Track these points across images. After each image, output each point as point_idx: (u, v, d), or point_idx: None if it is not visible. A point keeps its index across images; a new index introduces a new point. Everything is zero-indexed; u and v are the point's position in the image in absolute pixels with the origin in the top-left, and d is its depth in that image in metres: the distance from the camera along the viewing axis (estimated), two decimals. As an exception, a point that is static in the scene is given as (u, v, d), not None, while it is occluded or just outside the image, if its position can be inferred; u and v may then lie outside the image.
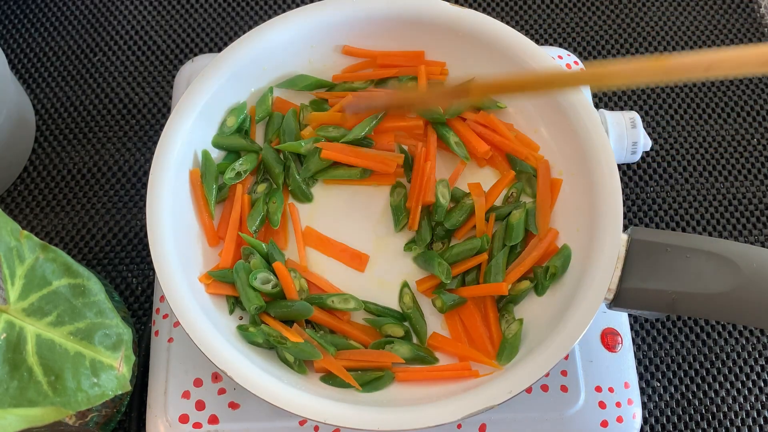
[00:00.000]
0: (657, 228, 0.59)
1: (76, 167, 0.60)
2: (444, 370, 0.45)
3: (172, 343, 0.47)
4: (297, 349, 0.43)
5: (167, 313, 0.48)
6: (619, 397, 0.47)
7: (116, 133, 0.62)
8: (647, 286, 0.42)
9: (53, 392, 0.39)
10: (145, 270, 0.56)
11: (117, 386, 0.41)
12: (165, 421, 0.45)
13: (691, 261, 0.41)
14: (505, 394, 0.40)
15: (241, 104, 0.50)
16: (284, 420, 0.45)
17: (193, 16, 0.67)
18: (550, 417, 0.46)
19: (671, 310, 0.42)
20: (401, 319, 0.46)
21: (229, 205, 0.48)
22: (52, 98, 0.63)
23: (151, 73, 0.64)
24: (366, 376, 0.44)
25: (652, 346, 0.55)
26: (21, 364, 0.39)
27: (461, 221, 0.48)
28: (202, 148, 0.48)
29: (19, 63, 0.64)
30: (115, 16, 0.66)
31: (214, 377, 0.46)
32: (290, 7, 0.68)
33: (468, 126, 0.50)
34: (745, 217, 0.59)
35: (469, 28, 0.49)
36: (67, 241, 0.58)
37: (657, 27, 0.68)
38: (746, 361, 0.54)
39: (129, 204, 0.59)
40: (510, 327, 0.45)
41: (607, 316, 0.49)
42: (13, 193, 0.59)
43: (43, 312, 0.40)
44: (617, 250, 0.42)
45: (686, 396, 0.53)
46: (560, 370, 0.47)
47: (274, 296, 0.45)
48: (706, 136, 0.63)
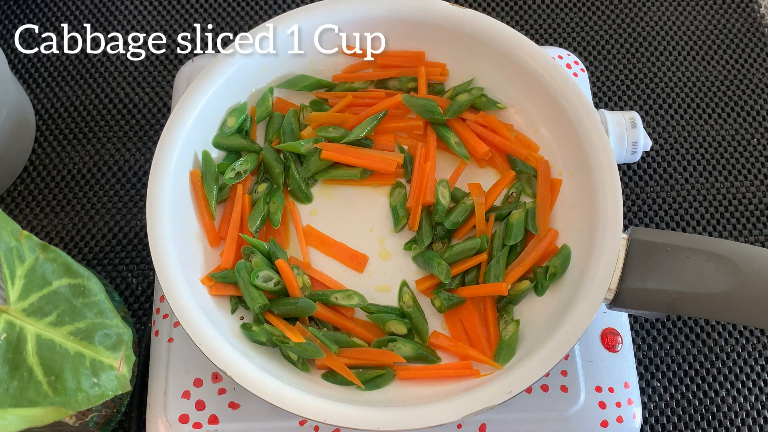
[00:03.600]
0: (657, 228, 0.59)
1: (76, 167, 0.60)
2: (445, 369, 0.45)
3: (173, 343, 0.47)
4: (299, 348, 0.43)
5: (167, 313, 0.48)
6: (619, 397, 0.47)
7: (116, 133, 0.62)
8: (647, 286, 0.42)
9: (53, 392, 0.39)
10: (145, 270, 0.56)
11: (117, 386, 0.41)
12: (165, 421, 0.45)
13: (691, 261, 0.41)
14: (505, 394, 0.40)
15: (241, 104, 0.50)
16: (284, 420, 0.45)
17: (193, 15, 0.67)
18: (550, 417, 0.46)
19: (671, 310, 0.42)
20: (403, 317, 0.46)
21: (229, 206, 0.48)
22: (52, 98, 0.63)
23: (151, 73, 0.64)
24: (367, 374, 0.44)
25: (653, 346, 0.55)
26: (21, 364, 0.39)
27: (461, 221, 0.48)
28: (202, 149, 0.48)
29: (19, 63, 0.64)
30: (115, 16, 0.66)
31: (214, 377, 0.46)
32: (290, 7, 0.68)
33: (468, 126, 0.50)
34: (745, 217, 0.59)
35: (470, 28, 0.49)
36: (67, 241, 0.58)
37: (657, 27, 0.67)
38: (746, 361, 0.54)
39: (129, 204, 0.59)
40: (507, 328, 0.45)
41: (607, 316, 0.49)
42: (13, 193, 0.59)
43: (43, 312, 0.40)
44: (617, 250, 0.42)
45: (686, 396, 0.53)
46: (560, 370, 0.47)
47: (277, 294, 0.45)
48: (706, 136, 0.63)
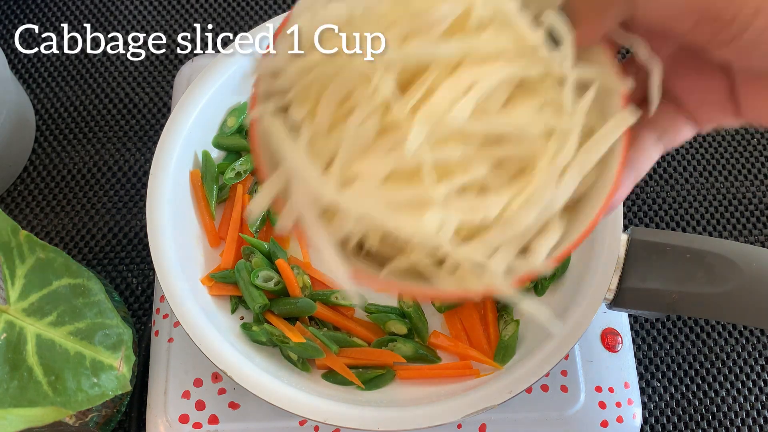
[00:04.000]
0: (657, 228, 0.59)
1: (76, 167, 0.60)
2: (445, 368, 0.45)
3: (173, 343, 0.47)
4: (299, 348, 0.43)
5: (167, 313, 0.48)
6: (619, 397, 0.47)
7: (116, 133, 0.61)
8: (647, 286, 0.42)
9: (53, 392, 0.39)
10: (145, 270, 0.56)
11: (117, 386, 0.41)
12: (165, 421, 0.45)
13: (691, 261, 0.41)
14: (505, 394, 0.40)
15: (241, 104, 0.50)
16: (284, 420, 0.45)
17: (193, 15, 0.67)
18: (550, 417, 0.46)
19: (671, 310, 0.42)
20: (403, 317, 0.46)
21: (229, 206, 0.48)
22: (52, 98, 0.63)
23: (151, 73, 0.64)
24: (367, 373, 0.44)
25: (653, 346, 0.55)
26: (21, 364, 0.39)
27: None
28: (202, 149, 0.48)
29: (19, 63, 0.64)
30: (115, 16, 0.66)
31: (214, 377, 0.46)
32: (290, 6, 0.68)
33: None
34: (745, 217, 0.59)
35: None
36: (67, 241, 0.58)
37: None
38: (746, 361, 0.54)
39: (129, 204, 0.59)
40: (507, 328, 0.45)
41: (607, 316, 0.49)
42: (13, 193, 0.59)
43: (43, 312, 0.40)
44: (617, 250, 0.42)
45: (686, 396, 0.53)
46: (560, 370, 0.47)
47: (277, 294, 0.45)
48: (706, 136, 0.63)
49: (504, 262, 0.27)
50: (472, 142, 0.26)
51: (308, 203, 0.26)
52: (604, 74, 0.28)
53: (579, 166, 0.27)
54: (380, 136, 0.26)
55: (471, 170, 0.26)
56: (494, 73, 0.26)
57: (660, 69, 0.28)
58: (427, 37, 0.26)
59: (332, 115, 0.27)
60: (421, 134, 0.25)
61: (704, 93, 0.31)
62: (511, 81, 0.27)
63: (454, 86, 0.26)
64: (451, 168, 0.26)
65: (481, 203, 0.26)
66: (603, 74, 0.28)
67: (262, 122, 0.28)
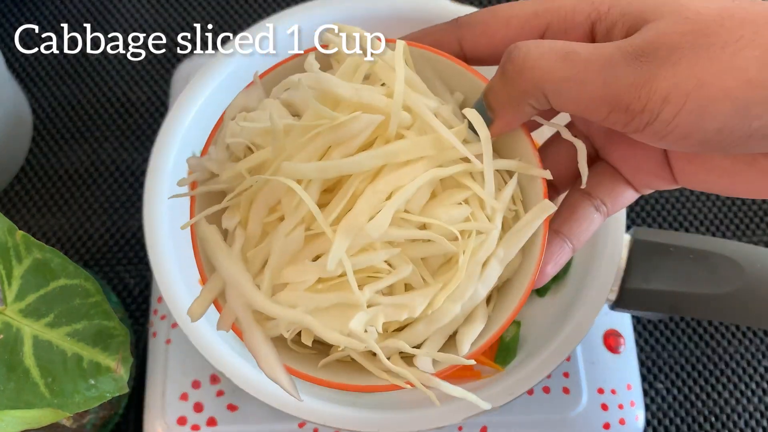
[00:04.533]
0: (660, 228, 0.59)
1: (74, 167, 0.60)
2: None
3: (170, 345, 0.47)
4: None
5: (165, 314, 0.48)
6: (622, 399, 0.46)
7: (113, 133, 0.61)
8: (650, 286, 0.41)
9: (50, 394, 0.39)
10: (142, 271, 0.56)
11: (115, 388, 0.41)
12: (163, 423, 0.45)
13: (694, 262, 0.41)
14: (507, 396, 0.40)
15: (240, 103, 0.50)
16: (283, 422, 0.45)
17: (192, 14, 0.66)
18: (551, 419, 0.45)
19: (674, 311, 0.42)
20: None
21: (227, 205, 0.48)
22: (49, 97, 0.63)
23: (149, 73, 0.64)
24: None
25: (655, 348, 0.54)
26: (18, 365, 0.39)
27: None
28: (200, 148, 0.48)
29: (16, 62, 0.64)
30: (113, 14, 0.66)
31: (213, 379, 0.46)
32: (289, 5, 0.67)
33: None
34: (749, 217, 0.59)
35: (470, 27, 0.49)
36: (64, 242, 0.57)
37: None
38: (750, 363, 0.54)
39: (126, 204, 0.58)
40: (508, 330, 0.45)
41: (609, 317, 0.49)
42: (9, 192, 0.59)
43: (40, 313, 0.40)
44: (620, 250, 0.42)
45: (689, 398, 0.53)
46: (562, 371, 0.46)
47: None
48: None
49: (431, 355, 0.29)
50: (396, 244, 0.28)
51: (243, 307, 0.29)
52: (522, 165, 0.30)
53: (500, 258, 0.29)
54: (308, 243, 0.28)
55: (396, 271, 0.28)
56: (414, 178, 0.28)
57: (584, 149, 0.30)
58: (347, 147, 0.28)
59: (262, 223, 0.29)
60: (342, 247, 0.27)
61: (638, 161, 0.32)
62: (432, 182, 0.29)
63: (373, 196, 0.28)
64: (377, 269, 0.28)
65: (408, 301, 0.28)
66: (521, 166, 0.30)
67: (199, 229, 0.30)
